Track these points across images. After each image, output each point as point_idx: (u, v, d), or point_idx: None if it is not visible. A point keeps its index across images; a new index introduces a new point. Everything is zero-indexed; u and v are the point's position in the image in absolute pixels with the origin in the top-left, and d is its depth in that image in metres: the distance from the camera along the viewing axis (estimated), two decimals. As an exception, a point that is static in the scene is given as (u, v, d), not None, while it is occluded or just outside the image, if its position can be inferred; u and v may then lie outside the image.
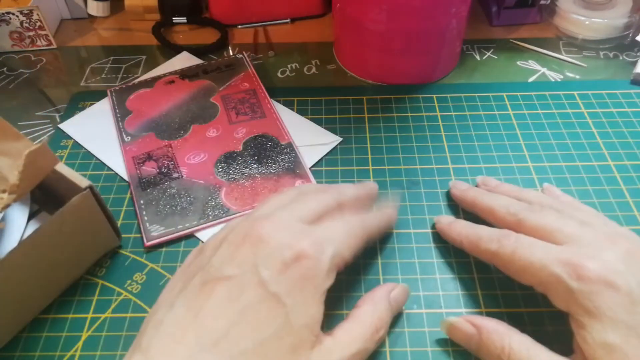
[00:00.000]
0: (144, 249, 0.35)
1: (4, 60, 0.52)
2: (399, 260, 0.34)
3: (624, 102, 0.45)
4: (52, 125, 0.45)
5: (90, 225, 0.32)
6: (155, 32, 0.53)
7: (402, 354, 0.30)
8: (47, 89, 0.49)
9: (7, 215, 0.33)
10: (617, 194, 0.38)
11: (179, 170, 0.40)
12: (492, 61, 0.50)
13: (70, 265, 0.33)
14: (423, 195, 0.38)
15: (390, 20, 0.43)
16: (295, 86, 0.48)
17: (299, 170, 0.40)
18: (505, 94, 0.46)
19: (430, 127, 0.43)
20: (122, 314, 0.32)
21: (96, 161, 0.42)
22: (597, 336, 0.24)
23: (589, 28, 0.50)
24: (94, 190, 0.31)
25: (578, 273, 0.25)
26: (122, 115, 0.45)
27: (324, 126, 0.43)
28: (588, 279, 0.25)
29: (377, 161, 0.41)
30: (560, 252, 0.27)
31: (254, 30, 0.55)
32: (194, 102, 0.46)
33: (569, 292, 0.25)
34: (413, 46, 0.44)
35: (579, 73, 0.48)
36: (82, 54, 0.53)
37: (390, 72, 0.47)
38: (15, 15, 0.51)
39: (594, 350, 0.24)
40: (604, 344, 0.24)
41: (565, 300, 0.26)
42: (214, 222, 0.36)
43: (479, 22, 0.55)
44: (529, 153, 0.41)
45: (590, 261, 0.26)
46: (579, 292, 0.25)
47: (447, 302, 0.32)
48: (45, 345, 0.31)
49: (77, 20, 0.58)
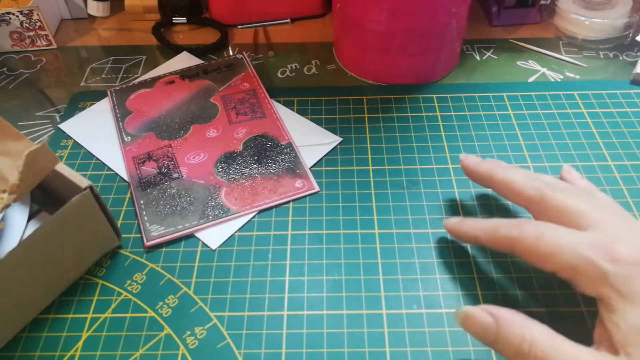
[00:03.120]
0: (144, 249, 0.36)
1: (4, 60, 0.52)
2: (399, 260, 0.34)
3: (624, 102, 0.45)
4: (52, 125, 0.45)
5: (90, 225, 0.32)
6: (155, 32, 0.53)
7: (402, 354, 0.30)
8: (47, 89, 0.49)
9: (7, 215, 0.33)
10: (617, 194, 0.38)
11: (179, 170, 0.40)
12: (492, 61, 0.50)
13: (70, 265, 0.33)
14: (423, 195, 0.38)
15: (390, 20, 0.43)
16: (295, 86, 0.48)
17: (299, 170, 0.40)
18: (505, 94, 0.46)
19: (430, 127, 0.43)
20: (122, 314, 0.32)
21: (96, 161, 0.42)
22: (631, 320, 0.24)
23: (589, 28, 0.50)
24: (94, 190, 0.31)
25: (612, 255, 0.25)
26: (122, 116, 0.45)
27: (324, 126, 0.43)
28: (623, 261, 0.24)
29: (377, 161, 0.41)
30: (589, 236, 0.26)
31: (254, 30, 0.55)
32: (194, 102, 0.46)
33: (602, 275, 0.25)
34: (413, 46, 0.44)
35: (579, 73, 0.48)
36: (82, 54, 0.53)
37: (390, 72, 0.47)
38: (15, 16, 0.51)
39: (626, 335, 0.23)
40: (638, 329, 0.23)
41: (597, 284, 0.25)
42: (214, 222, 0.36)
43: (479, 22, 0.55)
44: (528, 153, 0.41)
45: (623, 244, 0.25)
46: (613, 274, 0.24)
47: (447, 302, 0.32)
48: (45, 345, 0.31)
49: (77, 20, 0.58)
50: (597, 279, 0.25)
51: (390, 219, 0.37)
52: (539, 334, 0.25)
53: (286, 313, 0.32)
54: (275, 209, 0.38)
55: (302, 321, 0.31)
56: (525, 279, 0.33)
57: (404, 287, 0.33)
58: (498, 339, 0.26)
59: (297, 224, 0.37)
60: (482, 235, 0.30)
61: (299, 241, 0.36)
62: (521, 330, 0.25)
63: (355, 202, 0.38)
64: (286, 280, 0.33)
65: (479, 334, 0.27)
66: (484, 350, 0.30)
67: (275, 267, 0.34)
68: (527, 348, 0.24)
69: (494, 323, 0.26)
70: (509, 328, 0.25)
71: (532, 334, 0.25)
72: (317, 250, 0.35)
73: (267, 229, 0.36)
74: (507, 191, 0.31)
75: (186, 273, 0.34)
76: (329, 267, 0.34)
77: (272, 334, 0.31)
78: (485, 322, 0.26)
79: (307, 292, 0.33)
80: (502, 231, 0.29)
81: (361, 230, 0.36)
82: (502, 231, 0.29)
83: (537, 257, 0.27)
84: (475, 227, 0.31)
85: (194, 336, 0.31)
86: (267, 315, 0.32)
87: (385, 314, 0.32)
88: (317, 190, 0.39)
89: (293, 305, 0.32)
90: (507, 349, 0.25)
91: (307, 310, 0.32)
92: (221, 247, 0.35)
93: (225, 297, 0.33)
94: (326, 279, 0.33)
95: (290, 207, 0.38)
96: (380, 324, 0.31)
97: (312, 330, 0.31)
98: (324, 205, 0.38)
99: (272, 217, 0.37)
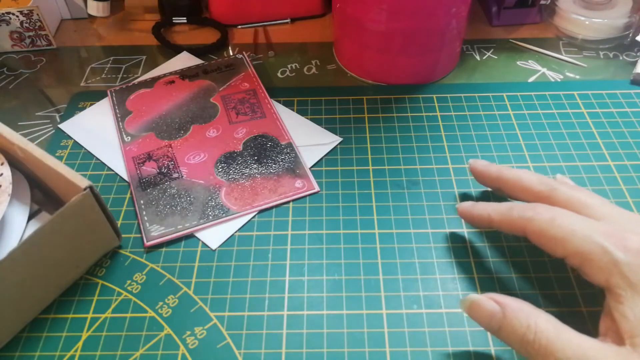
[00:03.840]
0: (144, 249, 0.36)
1: (4, 60, 0.52)
2: (399, 260, 0.34)
3: (624, 102, 0.45)
4: (52, 125, 0.45)
5: (90, 225, 0.32)
6: (155, 32, 0.53)
7: (402, 354, 0.30)
8: (47, 89, 0.49)
9: (7, 215, 0.33)
10: (617, 194, 0.38)
11: (179, 170, 0.40)
12: (492, 61, 0.50)
13: (70, 265, 0.33)
14: (423, 195, 0.38)
15: (390, 20, 0.43)
16: (295, 86, 0.48)
17: (299, 170, 0.40)
18: (505, 94, 0.46)
19: (430, 127, 0.43)
20: (122, 314, 0.32)
21: (96, 161, 0.42)
22: (639, 311, 0.24)
23: (589, 28, 0.50)
24: (94, 190, 0.31)
25: (624, 244, 0.25)
26: (122, 116, 0.45)
27: (324, 126, 0.43)
28: (635, 251, 0.24)
29: (377, 161, 0.41)
30: (601, 224, 0.26)
31: (254, 30, 0.55)
32: (194, 102, 0.46)
33: (613, 263, 0.25)
34: (413, 46, 0.44)
35: (579, 73, 0.48)
36: (82, 54, 0.53)
37: (390, 72, 0.47)
38: (15, 16, 0.51)
39: (634, 326, 0.23)
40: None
41: (607, 273, 0.25)
42: (214, 222, 0.36)
43: (479, 22, 0.55)
44: (528, 153, 0.41)
45: (634, 234, 0.25)
46: (625, 263, 0.24)
47: (447, 302, 0.32)
48: (45, 345, 0.31)
49: (77, 20, 0.58)
50: (607, 267, 0.25)
51: (390, 219, 0.37)
52: (544, 323, 0.25)
53: (286, 313, 0.32)
54: (275, 209, 0.38)
55: (302, 321, 0.31)
56: (526, 279, 0.33)
57: (404, 287, 0.33)
58: (503, 327, 0.26)
59: (297, 224, 0.37)
60: (495, 216, 0.30)
61: (299, 241, 0.36)
62: (527, 319, 0.25)
63: (355, 202, 0.38)
64: (286, 280, 0.33)
65: (485, 321, 0.27)
66: (484, 350, 0.30)
67: (275, 267, 0.34)
68: (532, 337, 0.25)
69: (500, 311, 0.26)
70: (515, 316, 0.25)
71: (538, 323, 0.25)
72: (317, 250, 0.35)
73: (267, 229, 0.36)
74: (517, 188, 0.31)
75: (186, 273, 0.34)
76: (329, 267, 0.34)
77: (272, 334, 0.31)
78: (491, 309, 0.26)
79: (307, 292, 0.33)
80: (515, 212, 0.29)
81: (361, 230, 0.36)
82: (516, 212, 0.29)
83: (549, 240, 0.27)
84: (489, 209, 0.31)
85: (194, 336, 0.31)
86: (267, 315, 0.32)
87: (385, 314, 0.32)
88: (317, 190, 0.39)
89: (293, 305, 0.32)
90: (512, 337, 0.25)
91: (307, 310, 0.32)
92: (221, 247, 0.35)
93: (225, 297, 0.33)
94: (326, 279, 0.33)
95: (290, 207, 0.38)
96: (380, 324, 0.31)
97: (312, 330, 0.31)
98: (324, 205, 0.38)
99: (272, 217, 0.37)
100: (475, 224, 0.33)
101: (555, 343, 0.24)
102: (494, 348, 0.30)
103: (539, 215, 0.28)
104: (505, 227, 0.30)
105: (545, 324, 0.25)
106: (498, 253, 0.34)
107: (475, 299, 0.27)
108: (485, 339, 0.30)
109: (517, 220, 0.29)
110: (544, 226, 0.27)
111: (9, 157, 0.35)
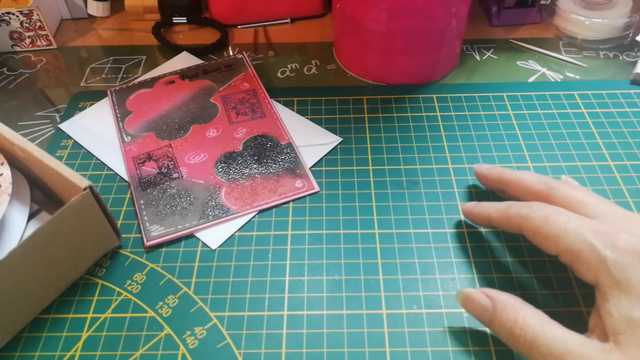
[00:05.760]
0: (144, 249, 0.36)
1: (4, 60, 0.52)
2: (399, 260, 0.34)
3: (624, 102, 0.45)
4: (52, 125, 0.45)
5: (90, 225, 0.32)
6: (155, 32, 0.53)
7: (402, 354, 0.30)
8: (47, 89, 0.49)
9: (7, 215, 0.33)
10: (617, 194, 0.38)
11: (179, 170, 0.40)
12: (492, 61, 0.50)
13: (70, 265, 0.33)
14: (423, 195, 0.38)
15: (390, 20, 0.43)
16: (295, 86, 0.48)
17: (299, 170, 0.40)
18: (505, 94, 0.46)
19: (430, 127, 0.43)
20: (122, 314, 0.32)
21: (96, 161, 0.42)
22: (624, 310, 0.24)
23: (589, 28, 0.50)
24: (94, 190, 0.31)
25: (613, 243, 0.25)
26: (122, 115, 0.45)
27: (324, 126, 0.43)
28: (623, 250, 0.25)
29: (377, 161, 0.41)
30: (594, 223, 0.26)
31: (254, 30, 0.55)
32: (194, 102, 0.46)
33: (601, 261, 0.25)
34: (413, 46, 0.44)
35: (579, 73, 0.48)
36: (82, 54, 0.53)
37: (390, 72, 0.47)
38: (15, 16, 0.51)
39: (618, 324, 0.24)
40: (630, 319, 0.24)
41: (595, 271, 0.25)
42: (214, 222, 0.36)
43: (479, 22, 0.55)
44: (528, 153, 0.41)
45: (625, 233, 0.25)
46: (612, 262, 0.25)
47: (447, 302, 0.32)
48: (45, 345, 0.31)
49: (77, 20, 0.58)
50: (596, 264, 0.25)
51: (390, 219, 0.37)
52: (531, 318, 0.26)
53: (286, 313, 0.32)
54: (275, 209, 0.38)
55: (302, 321, 0.31)
56: (525, 279, 0.33)
57: (404, 287, 0.33)
58: (494, 320, 0.27)
59: (297, 224, 0.37)
60: (494, 214, 0.31)
61: (299, 241, 0.36)
62: (515, 313, 0.26)
63: (355, 202, 0.38)
64: (286, 280, 0.33)
65: (477, 314, 0.28)
66: (484, 350, 0.30)
67: (275, 267, 0.34)
68: (518, 331, 0.25)
69: (490, 305, 0.27)
70: (504, 311, 0.27)
71: (525, 318, 0.26)
72: (317, 250, 0.35)
73: (267, 229, 0.36)
74: (518, 188, 0.32)
75: (186, 273, 0.34)
76: (329, 267, 0.34)
77: (272, 334, 0.31)
78: (483, 303, 0.28)
79: (307, 292, 0.33)
80: (513, 209, 0.30)
81: (361, 230, 0.36)
82: (514, 209, 0.30)
83: (542, 237, 0.28)
84: (489, 208, 0.32)
85: (194, 336, 0.31)
86: (267, 315, 0.32)
87: (385, 314, 0.32)
88: (317, 190, 0.39)
89: (293, 305, 0.32)
90: (501, 330, 0.27)
91: (307, 310, 0.32)
92: (221, 247, 0.35)
93: (225, 297, 0.33)
94: (326, 279, 0.33)
95: (290, 207, 0.38)
96: (380, 324, 0.31)
97: (312, 330, 0.31)
98: (324, 205, 0.38)
99: (272, 217, 0.37)
100: (476, 223, 0.34)
101: (540, 338, 0.25)
102: (494, 348, 0.30)
103: (535, 212, 0.28)
104: (504, 224, 0.31)
105: (532, 319, 0.26)
106: (498, 253, 0.34)
107: (469, 293, 0.29)
108: (485, 339, 0.30)
109: (514, 217, 0.29)
110: (538, 224, 0.28)
111: (9, 157, 0.35)
